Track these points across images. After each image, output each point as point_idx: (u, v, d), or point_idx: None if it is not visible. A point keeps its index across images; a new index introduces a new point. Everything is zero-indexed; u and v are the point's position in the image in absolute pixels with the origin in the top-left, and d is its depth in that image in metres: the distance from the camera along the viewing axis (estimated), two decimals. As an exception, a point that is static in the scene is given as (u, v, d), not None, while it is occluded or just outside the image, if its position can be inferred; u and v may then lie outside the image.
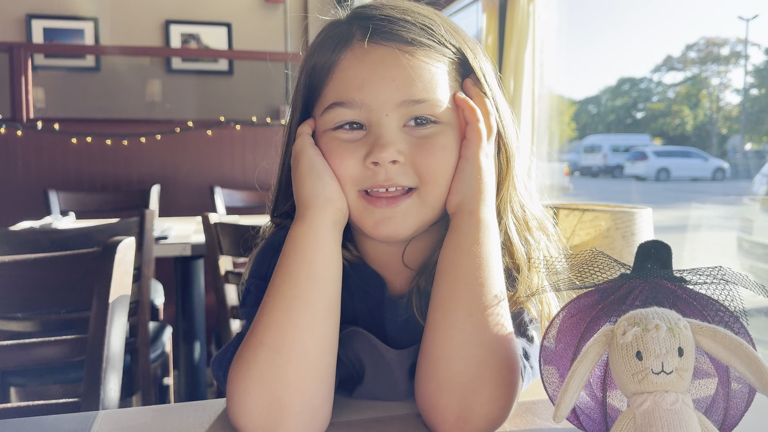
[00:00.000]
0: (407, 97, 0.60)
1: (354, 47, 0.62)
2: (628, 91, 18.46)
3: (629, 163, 14.09)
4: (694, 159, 13.01)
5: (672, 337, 0.46)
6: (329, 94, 0.63)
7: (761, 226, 3.79)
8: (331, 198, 0.61)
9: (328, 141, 0.63)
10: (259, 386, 0.55)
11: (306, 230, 0.60)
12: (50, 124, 3.06)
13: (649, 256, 0.55)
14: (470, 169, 0.62)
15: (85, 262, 1.05)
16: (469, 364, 0.56)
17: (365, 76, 0.61)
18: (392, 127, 0.61)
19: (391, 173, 0.60)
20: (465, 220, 0.61)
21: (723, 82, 13.92)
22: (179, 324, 2.26)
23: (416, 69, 0.61)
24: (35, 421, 0.64)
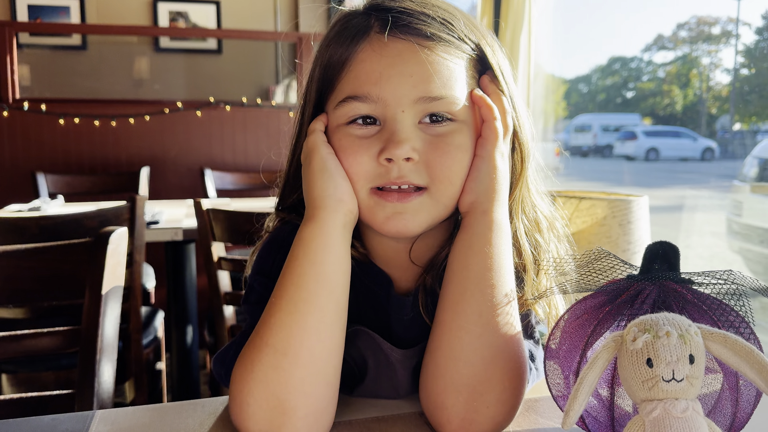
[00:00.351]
0: (424, 94, 0.59)
1: (372, 40, 0.60)
2: (619, 71, 18.45)
3: (619, 143, 14.14)
4: (684, 139, 13.07)
5: (683, 344, 0.46)
6: (344, 88, 0.61)
7: (751, 208, 3.81)
8: (343, 199, 0.60)
9: (341, 137, 0.61)
10: (264, 389, 0.54)
11: (316, 232, 0.59)
12: (37, 105, 3.00)
13: (656, 257, 0.55)
14: (485, 169, 0.61)
15: (78, 253, 1.03)
16: (477, 365, 0.56)
17: (383, 70, 0.59)
18: (408, 124, 0.59)
19: (404, 171, 0.59)
20: (478, 219, 0.60)
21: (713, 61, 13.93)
22: (171, 308, 2.25)
23: (434, 65, 0.59)
24: (32, 422, 0.63)
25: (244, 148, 3.30)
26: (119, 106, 3.17)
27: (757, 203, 3.87)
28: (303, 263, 0.58)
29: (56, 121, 3.04)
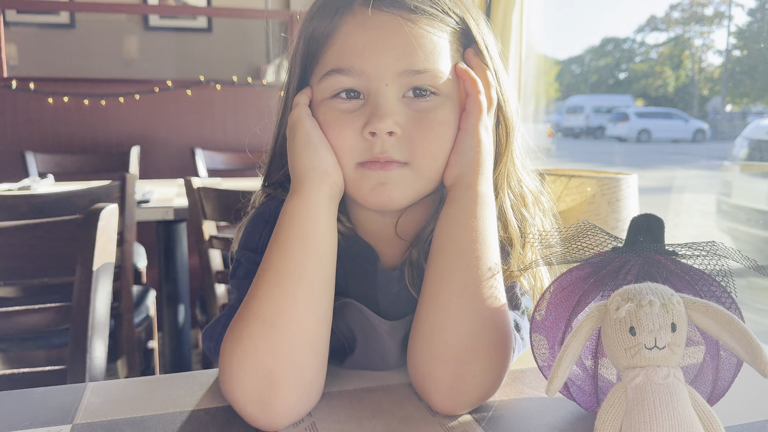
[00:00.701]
0: (408, 67, 0.59)
1: (355, 12, 0.60)
2: (612, 52, 18.40)
3: (611, 124, 14.17)
4: (675, 120, 13.11)
5: (665, 312, 0.47)
6: (328, 61, 0.61)
7: (740, 188, 3.84)
8: (328, 171, 0.60)
9: (326, 111, 0.61)
10: (253, 359, 0.55)
11: (301, 204, 0.59)
12: (25, 83, 2.97)
13: (641, 230, 0.55)
14: (469, 142, 0.61)
15: (68, 230, 1.03)
16: (463, 336, 0.57)
17: (366, 43, 0.59)
18: (391, 98, 0.59)
19: (387, 145, 0.59)
20: (462, 193, 0.60)
21: (706, 42, 13.91)
22: (162, 287, 2.25)
23: (418, 38, 0.59)
24: (24, 394, 0.64)
25: (235, 128, 3.28)
26: (109, 84, 3.14)
27: (746, 183, 3.89)
28: (289, 236, 0.58)
29: (45, 100, 3.01)
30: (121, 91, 3.11)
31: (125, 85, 3.14)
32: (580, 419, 0.57)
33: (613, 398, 0.47)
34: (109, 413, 0.59)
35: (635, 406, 0.46)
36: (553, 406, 0.60)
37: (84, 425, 0.57)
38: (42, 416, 0.59)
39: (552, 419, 0.58)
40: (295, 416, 0.56)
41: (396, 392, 0.64)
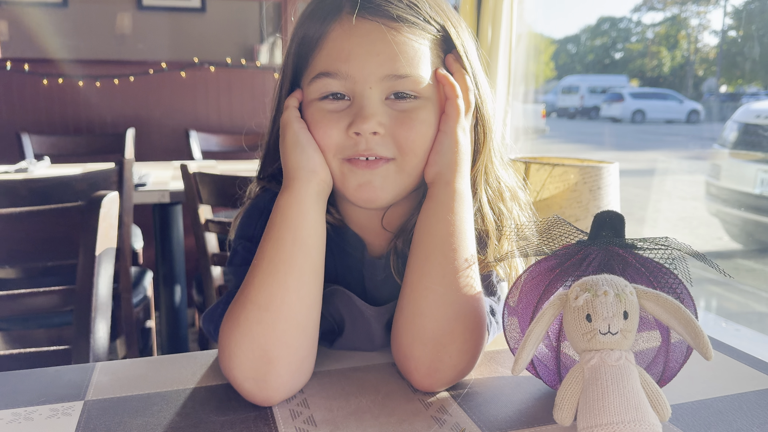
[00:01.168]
0: (390, 72, 0.63)
1: (342, 20, 0.64)
2: (608, 31, 18.30)
3: (606, 105, 14.17)
4: (670, 101, 13.12)
5: (618, 302, 0.52)
6: (317, 64, 0.66)
7: (729, 171, 3.88)
8: (315, 170, 0.65)
9: (314, 111, 0.66)
10: (250, 341, 0.60)
11: (292, 200, 0.64)
12: (20, 65, 2.98)
13: (604, 225, 0.61)
14: (448, 143, 0.66)
15: (71, 216, 1.08)
16: (441, 321, 0.62)
17: (351, 49, 0.63)
18: (375, 100, 0.64)
19: (372, 144, 0.64)
20: (441, 189, 0.65)
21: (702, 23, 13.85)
22: (159, 268, 2.30)
23: (400, 45, 0.63)
24: (38, 373, 0.69)
25: (229, 110, 3.31)
26: (103, 66, 3.16)
27: (735, 167, 3.94)
28: (281, 228, 0.63)
29: (40, 81, 3.03)
30: (115, 72, 3.13)
31: (120, 67, 3.16)
32: (545, 396, 0.63)
33: (572, 377, 0.53)
34: (118, 390, 0.65)
35: (590, 384, 0.51)
36: (522, 384, 0.66)
37: (95, 401, 0.62)
38: (56, 393, 0.64)
39: (521, 396, 0.63)
40: (288, 392, 0.62)
41: (381, 371, 0.70)
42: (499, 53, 2.06)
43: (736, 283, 3.42)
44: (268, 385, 0.60)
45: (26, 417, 0.59)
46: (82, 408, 0.61)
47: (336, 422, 0.58)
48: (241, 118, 3.32)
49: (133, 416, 0.59)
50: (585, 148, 9.88)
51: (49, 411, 0.61)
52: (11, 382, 0.67)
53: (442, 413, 0.60)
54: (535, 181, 1.36)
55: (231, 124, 3.31)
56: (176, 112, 3.23)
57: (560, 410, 0.53)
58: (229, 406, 0.62)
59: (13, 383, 0.66)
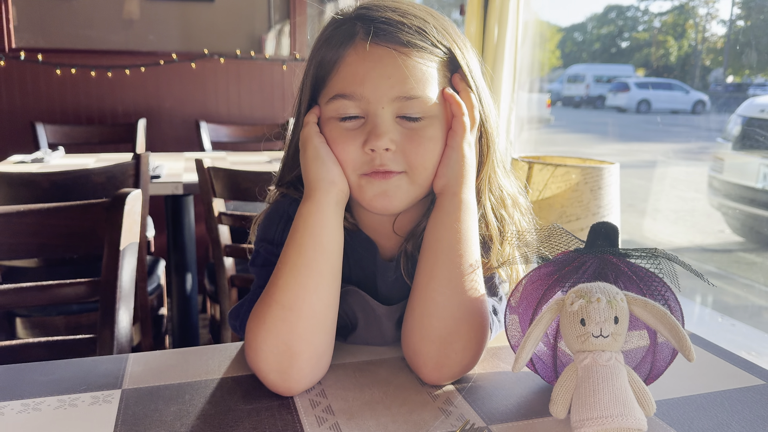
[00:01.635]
0: (401, 93, 0.69)
1: (357, 46, 0.70)
2: (614, 20, 18.17)
3: (611, 94, 14.10)
4: (676, 91, 13.05)
5: (610, 308, 0.58)
6: (334, 86, 0.71)
7: (732, 165, 3.91)
8: (334, 181, 0.71)
9: (332, 129, 0.72)
10: (274, 337, 0.66)
11: (313, 209, 0.70)
12: (34, 55, 3.03)
13: (599, 235, 0.66)
14: (455, 157, 0.71)
15: (96, 212, 1.14)
16: (447, 321, 0.68)
17: (366, 73, 0.69)
18: (387, 119, 0.69)
19: (385, 159, 0.69)
20: (449, 200, 0.71)
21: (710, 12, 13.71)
22: (171, 257, 2.37)
23: (410, 68, 0.69)
24: (76, 363, 0.75)
25: (238, 101, 3.36)
26: (115, 56, 3.21)
27: (739, 161, 3.96)
28: (303, 235, 0.69)
29: (53, 71, 3.08)
30: (126, 62, 3.18)
31: (131, 57, 3.20)
32: (542, 390, 0.69)
33: (567, 375, 0.59)
34: (151, 380, 0.71)
35: (583, 382, 0.57)
36: (522, 379, 0.72)
37: (131, 390, 0.68)
38: (95, 382, 0.70)
39: (520, 390, 0.69)
40: (308, 384, 0.68)
41: (391, 365, 0.76)
42: (506, 49, 2.10)
43: (736, 277, 3.47)
44: (290, 378, 0.66)
45: (71, 404, 0.66)
46: (120, 396, 0.67)
47: (352, 411, 0.64)
48: (250, 109, 3.37)
49: (167, 404, 0.65)
50: (589, 138, 9.89)
51: (90, 398, 0.67)
52: (53, 371, 0.73)
53: (448, 405, 0.66)
54: (538, 181, 1.41)
55: (240, 114, 3.36)
56: (186, 102, 3.28)
57: (555, 404, 0.59)
58: (254, 395, 0.68)
59: (55, 372, 0.73)
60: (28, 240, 1.14)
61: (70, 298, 1.16)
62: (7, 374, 0.72)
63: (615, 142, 9.53)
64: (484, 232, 0.75)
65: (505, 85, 2.12)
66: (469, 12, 2.17)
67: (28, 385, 0.69)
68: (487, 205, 0.76)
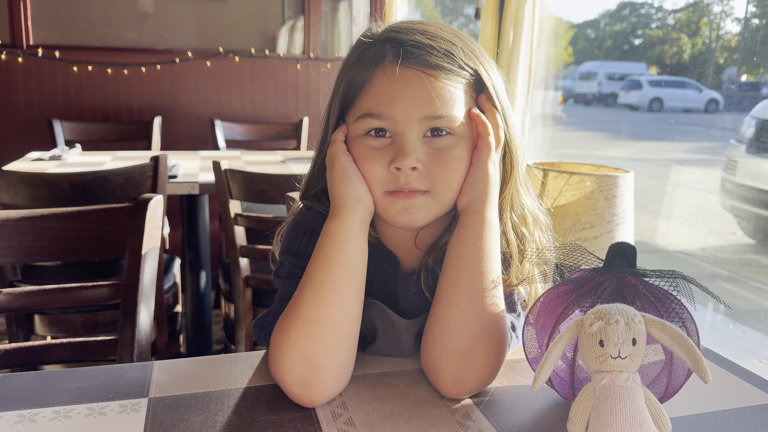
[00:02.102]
0: (428, 114, 0.70)
1: (386, 68, 0.71)
2: (628, 17, 18.05)
3: (623, 92, 14.03)
4: (689, 90, 12.95)
5: (628, 330, 0.59)
6: (363, 106, 0.73)
7: (745, 167, 3.89)
8: (361, 199, 0.72)
9: (359, 147, 0.73)
10: (298, 351, 0.68)
11: (340, 226, 0.71)
12: (51, 52, 3.06)
13: (618, 255, 0.67)
14: (479, 176, 0.73)
15: (119, 216, 1.16)
16: (467, 337, 0.69)
17: (394, 94, 0.70)
18: (414, 138, 0.71)
19: (410, 178, 0.71)
20: (472, 218, 0.72)
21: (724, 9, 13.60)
22: (186, 255, 2.40)
23: (438, 90, 0.70)
24: (103, 370, 0.77)
25: (252, 99, 3.38)
26: (131, 54, 3.23)
27: (752, 163, 3.94)
28: (329, 252, 0.71)
29: (70, 68, 3.11)
30: (143, 60, 3.20)
31: (147, 55, 3.23)
32: (559, 406, 0.70)
33: (584, 394, 0.60)
34: (176, 389, 0.73)
35: (600, 402, 0.59)
36: (539, 394, 0.73)
37: (158, 399, 0.70)
38: (122, 390, 0.72)
39: (537, 405, 0.71)
40: (330, 396, 0.70)
41: (410, 377, 0.77)
42: (521, 53, 2.11)
43: (748, 280, 3.46)
44: (312, 390, 0.68)
45: (100, 412, 0.68)
46: (147, 405, 0.69)
47: (372, 424, 0.66)
48: (264, 107, 3.39)
49: (193, 414, 0.67)
50: (601, 137, 9.86)
51: (119, 407, 0.69)
52: (81, 378, 0.75)
53: (466, 419, 0.68)
54: (553, 188, 1.42)
55: (254, 113, 3.38)
56: (201, 100, 3.30)
57: (573, 423, 0.60)
58: (278, 406, 0.70)
59: (82, 379, 0.75)
60: (51, 243, 1.16)
61: (92, 300, 1.18)
62: (37, 381, 0.74)
63: (627, 140, 9.49)
64: (504, 249, 0.77)
65: (520, 87, 2.12)
66: (484, 16, 2.18)
67: (57, 392, 0.71)
68: (508, 223, 0.77)
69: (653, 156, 7.20)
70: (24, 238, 1.15)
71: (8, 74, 3.03)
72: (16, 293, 1.13)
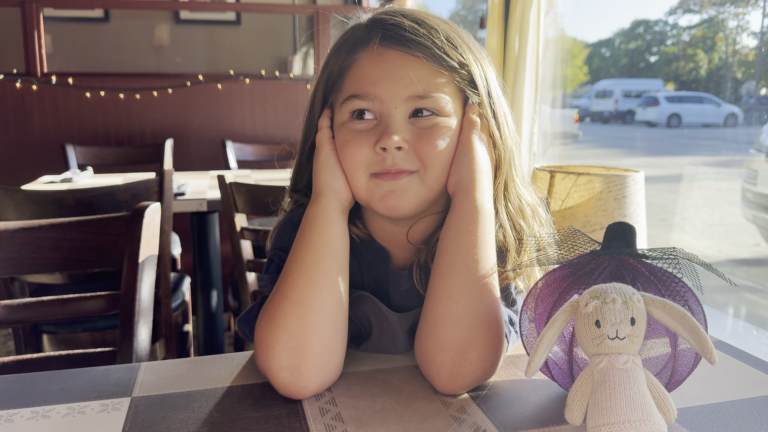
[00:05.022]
0: (413, 93, 0.69)
1: (371, 49, 0.71)
2: (642, 34, 18.04)
3: (641, 109, 13.94)
4: (707, 105, 12.83)
5: (626, 309, 0.55)
6: (348, 88, 0.72)
7: (766, 176, 3.81)
8: (339, 189, 0.72)
9: (345, 133, 0.72)
10: (285, 333, 0.66)
11: (320, 211, 0.71)
12: (64, 79, 3.12)
13: (616, 236, 0.64)
14: (466, 152, 0.71)
15: (116, 226, 1.15)
16: (462, 329, 0.66)
17: (379, 74, 0.70)
18: (399, 119, 0.70)
19: (397, 159, 0.69)
20: (463, 199, 0.70)
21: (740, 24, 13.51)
22: (197, 274, 2.38)
23: (422, 70, 0.70)
24: (89, 371, 0.75)
25: (263, 120, 3.40)
26: (143, 79, 3.28)
27: (773, 172, 3.85)
28: (311, 234, 0.70)
29: (83, 95, 3.16)
30: (154, 85, 3.24)
31: (158, 79, 3.27)
32: (559, 398, 0.66)
33: (582, 379, 0.57)
34: (161, 388, 0.70)
35: (599, 386, 0.55)
36: (539, 387, 0.69)
37: (141, 398, 0.68)
38: (106, 390, 0.70)
39: (536, 398, 0.67)
40: (319, 384, 0.67)
41: (404, 373, 0.74)
42: (527, 60, 2.09)
43: (764, 288, 3.36)
44: (301, 375, 0.65)
45: (80, 411, 0.65)
46: (129, 404, 0.66)
47: (362, 420, 0.63)
48: (275, 128, 3.40)
49: (176, 412, 0.65)
50: (618, 153, 9.77)
51: (99, 406, 0.66)
52: (65, 379, 0.73)
53: (461, 413, 0.64)
54: (561, 190, 1.38)
55: (265, 134, 3.39)
56: (213, 123, 3.33)
57: (571, 410, 0.56)
58: (264, 403, 0.67)
59: (67, 381, 0.73)
60: (50, 254, 1.15)
61: (90, 312, 1.17)
62: (20, 383, 0.72)
63: (644, 155, 9.39)
64: (501, 241, 0.74)
65: (527, 98, 2.10)
66: (489, 25, 2.17)
67: (39, 393, 0.69)
68: (503, 213, 0.75)
69: (672, 170, 7.10)
70: (23, 249, 1.14)
71: (23, 102, 3.09)
72: (14, 305, 1.12)
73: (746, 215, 3.93)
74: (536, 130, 2.11)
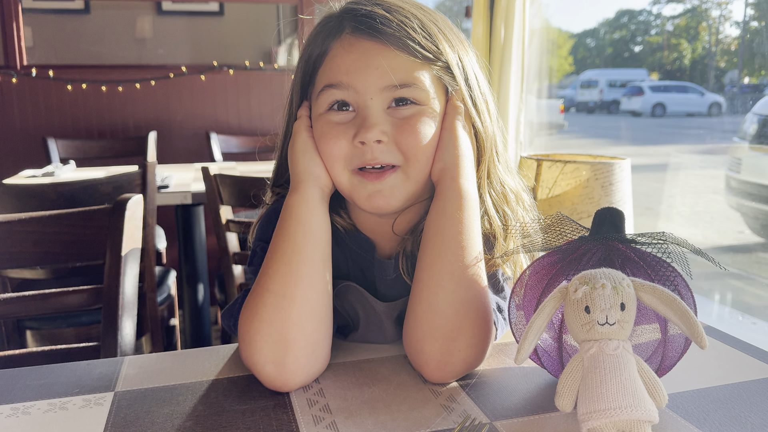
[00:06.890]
0: (389, 83, 0.68)
1: (342, 39, 0.70)
2: (627, 24, 18.10)
3: (625, 99, 14.02)
4: (691, 94, 12.92)
5: (615, 294, 0.55)
6: (322, 78, 0.71)
7: (749, 164, 3.84)
8: (319, 176, 0.71)
9: (322, 125, 0.71)
10: (268, 326, 0.64)
11: (300, 199, 0.69)
12: (45, 71, 3.06)
13: (605, 221, 0.63)
14: (449, 138, 0.70)
15: (98, 218, 1.13)
16: (450, 317, 0.65)
17: (351, 63, 0.68)
18: (377, 110, 0.68)
19: (377, 152, 0.68)
20: (448, 185, 0.69)
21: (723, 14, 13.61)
22: (182, 268, 2.36)
23: (397, 60, 0.68)
24: (71, 367, 0.73)
25: (248, 112, 3.36)
26: (125, 71, 3.23)
27: (756, 160, 3.89)
28: (291, 224, 0.68)
29: (64, 87, 3.11)
30: (137, 77, 3.20)
31: (141, 71, 3.23)
32: (549, 385, 0.66)
33: (572, 366, 0.56)
34: (145, 382, 0.69)
35: (589, 372, 0.54)
36: (529, 375, 0.69)
37: (124, 392, 0.66)
38: (88, 385, 0.68)
39: (526, 385, 0.66)
40: (305, 376, 0.66)
41: (392, 363, 0.73)
42: (513, 50, 2.08)
43: (757, 277, 3.39)
44: (286, 369, 0.64)
45: (61, 407, 0.64)
46: (112, 398, 0.65)
47: (350, 410, 0.62)
48: (260, 119, 3.37)
49: (160, 405, 0.63)
50: (603, 143, 9.81)
51: (82, 401, 0.65)
52: (47, 375, 0.71)
53: (450, 402, 0.63)
54: (547, 178, 1.38)
55: (250, 125, 3.36)
56: (197, 114, 3.29)
57: (561, 397, 0.56)
58: (250, 395, 0.65)
59: (48, 376, 0.71)
60: (31, 249, 1.13)
61: (73, 306, 1.15)
62: (0, 379, 0.70)
63: (630, 145, 9.44)
64: (487, 228, 0.73)
65: (513, 87, 2.09)
66: (475, 14, 2.16)
67: (20, 389, 0.68)
68: (488, 201, 0.74)
69: (657, 159, 7.15)
70: (3, 243, 1.12)
71: (3, 95, 3.03)
72: (-5, 300, 1.10)
73: (730, 203, 3.97)
74: (522, 120, 2.10)
